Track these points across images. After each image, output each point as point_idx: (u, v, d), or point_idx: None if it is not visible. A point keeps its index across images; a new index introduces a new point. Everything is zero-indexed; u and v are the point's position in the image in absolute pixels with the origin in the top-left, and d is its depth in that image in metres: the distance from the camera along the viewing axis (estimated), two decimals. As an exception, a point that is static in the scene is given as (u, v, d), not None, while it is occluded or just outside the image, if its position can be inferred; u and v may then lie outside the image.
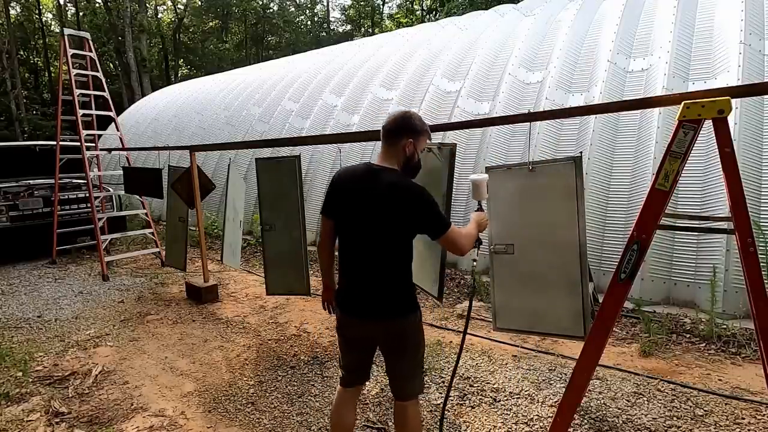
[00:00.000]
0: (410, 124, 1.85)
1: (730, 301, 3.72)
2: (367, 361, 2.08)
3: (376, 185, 1.80)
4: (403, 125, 1.85)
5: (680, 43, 4.77)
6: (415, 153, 1.88)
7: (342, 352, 2.08)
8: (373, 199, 1.80)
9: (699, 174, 4.08)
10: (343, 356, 2.08)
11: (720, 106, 1.65)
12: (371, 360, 2.09)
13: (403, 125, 1.85)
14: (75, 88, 6.06)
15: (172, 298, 5.07)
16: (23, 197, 6.78)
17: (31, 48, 29.04)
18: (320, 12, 36.08)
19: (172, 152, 5.87)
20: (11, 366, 3.48)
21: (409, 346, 1.93)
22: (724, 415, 2.60)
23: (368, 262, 1.87)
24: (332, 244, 2.10)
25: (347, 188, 1.90)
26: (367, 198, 1.82)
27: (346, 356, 2.07)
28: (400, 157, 1.86)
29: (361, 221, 1.85)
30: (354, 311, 1.92)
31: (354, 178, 1.89)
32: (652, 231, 1.80)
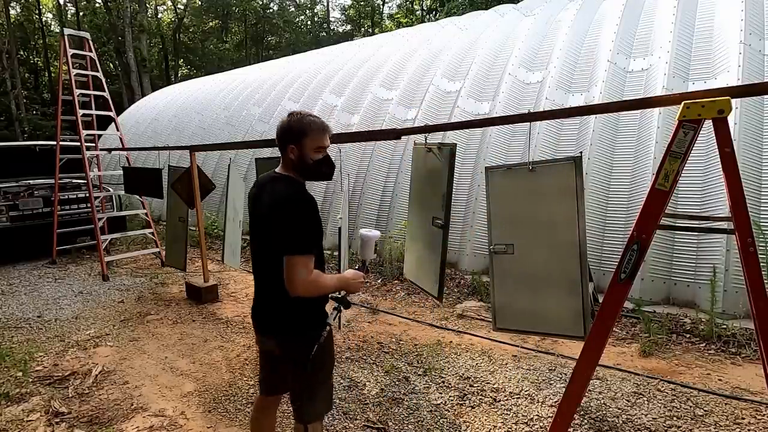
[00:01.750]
0: (287, 132, 1.77)
1: (730, 301, 3.72)
2: (271, 374, 1.99)
3: (262, 195, 1.79)
4: (281, 135, 1.78)
5: (680, 43, 4.77)
6: (303, 155, 1.77)
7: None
8: (260, 210, 1.79)
9: (699, 174, 4.08)
10: (260, 364, 2.07)
11: (720, 106, 1.65)
12: (279, 373, 1.94)
13: (281, 135, 1.78)
14: (75, 88, 6.06)
15: (172, 298, 5.07)
16: (23, 197, 6.78)
17: (31, 48, 29.04)
18: (320, 12, 36.09)
19: (172, 152, 5.87)
20: (11, 366, 3.48)
21: (303, 366, 1.75)
22: (724, 415, 2.60)
23: (259, 275, 1.86)
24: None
25: (250, 198, 1.90)
26: (257, 209, 1.82)
27: (259, 365, 2.06)
28: (290, 164, 1.80)
29: (254, 232, 1.85)
30: (253, 323, 1.91)
31: (255, 188, 1.89)
32: (652, 231, 1.80)
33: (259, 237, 1.82)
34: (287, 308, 1.74)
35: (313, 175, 1.83)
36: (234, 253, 4.84)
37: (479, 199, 5.19)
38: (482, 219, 4.84)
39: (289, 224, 1.64)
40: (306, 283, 1.63)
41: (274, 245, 1.67)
